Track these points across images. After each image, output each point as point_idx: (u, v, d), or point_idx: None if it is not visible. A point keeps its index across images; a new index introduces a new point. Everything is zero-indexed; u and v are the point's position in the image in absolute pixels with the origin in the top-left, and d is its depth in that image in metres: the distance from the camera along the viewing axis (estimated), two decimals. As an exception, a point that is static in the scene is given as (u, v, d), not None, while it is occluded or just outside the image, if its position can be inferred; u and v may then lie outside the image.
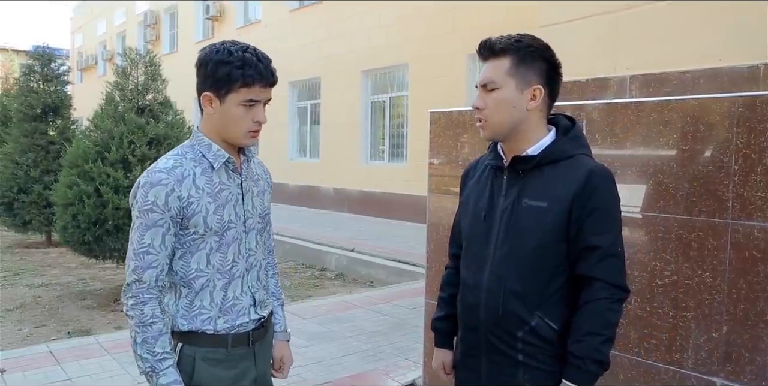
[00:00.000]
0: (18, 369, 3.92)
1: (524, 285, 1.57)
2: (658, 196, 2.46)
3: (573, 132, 1.65)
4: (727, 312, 2.27)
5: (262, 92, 1.60)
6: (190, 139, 1.70)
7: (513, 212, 1.60)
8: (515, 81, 1.57)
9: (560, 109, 2.96)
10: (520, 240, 1.58)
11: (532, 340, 1.57)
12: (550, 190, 1.56)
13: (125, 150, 5.67)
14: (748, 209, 2.20)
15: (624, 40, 3.09)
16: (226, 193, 1.66)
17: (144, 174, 1.63)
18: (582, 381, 1.51)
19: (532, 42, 1.59)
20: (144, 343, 1.59)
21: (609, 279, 1.53)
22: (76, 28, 29.41)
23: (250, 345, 1.74)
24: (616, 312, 1.55)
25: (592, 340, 1.50)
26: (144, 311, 1.59)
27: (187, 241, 1.63)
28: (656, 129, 2.48)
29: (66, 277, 7.34)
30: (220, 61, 1.58)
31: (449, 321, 1.85)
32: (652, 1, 2.97)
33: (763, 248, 2.17)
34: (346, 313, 5.42)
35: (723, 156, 2.27)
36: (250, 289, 1.74)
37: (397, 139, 12.23)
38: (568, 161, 1.58)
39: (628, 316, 2.57)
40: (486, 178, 1.71)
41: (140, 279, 1.59)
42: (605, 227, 1.54)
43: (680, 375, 2.40)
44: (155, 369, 1.58)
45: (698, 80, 2.72)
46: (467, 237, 1.74)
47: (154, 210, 1.57)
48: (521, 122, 1.59)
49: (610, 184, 1.58)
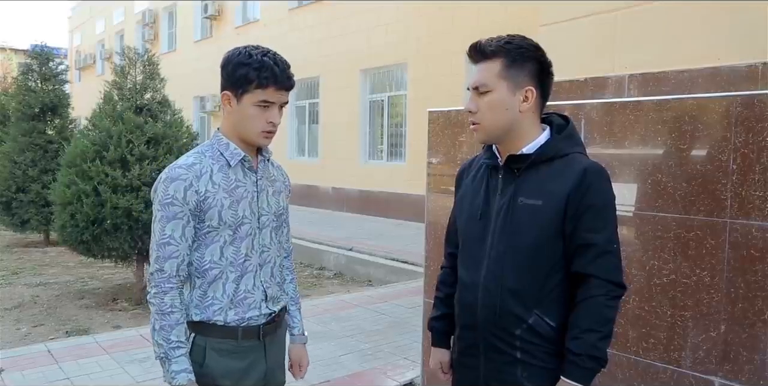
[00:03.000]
0: (16, 369, 3.91)
1: (521, 283, 1.58)
2: (656, 195, 2.46)
3: (567, 130, 1.65)
4: (726, 311, 2.27)
5: (276, 95, 1.68)
6: (210, 139, 1.80)
7: (509, 210, 1.60)
8: (507, 83, 1.57)
9: (559, 109, 2.96)
10: (516, 239, 1.58)
11: (530, 338, 1.58)
12: (546, 188, 1.56)
13: (123, 149, 5.66)
14: (746, 208, 2.20)
15: (622, 39, 3.09)
16: (241, 190, 1.74)
17: (165, 170, 1.72)
18: (580, 377, 1.53)
19: (522, 43, 1.59)
20: (161, 330, 1.66)
21: (605, 276, 1.54)
22: (75, 27, 29.37)
23: (260, 338, 1.80)
24: (612, 308, 1.55)
25: (589, 337, 1.51)
26: (164, 300, 1.67)
27: (203, 234, 1.71)
28: (654, 128, 2.48)
29: (64, 276, 7.33)
30: (240, 62, 1.66)
31: (446, 320, 1.85)
32: (650, 1, 2.97)
33: (761, 247, 2.17)
34: (344, 312, 5.42)
35: (721, 155, 2.27)
36: (262, 284, 1.80)
37: (395, 138, 12.23)
38: (563, 159, 1.59)
39: (626, 315, 2.57)
40: (481, 177, 1.71)
41: (162, 269, 1.67)
42: (601, 224, 1.55)
43: (678, 374, 2.40)
44: (168, 355, 1.65)
45: (696, 79, 2.72)
46: (463, 236, 1.74)
47: (174, 203, 1.65)
48: (515, 123, 1.60)
49: (604, 182, 1.58)
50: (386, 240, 8.80)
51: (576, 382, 1.53)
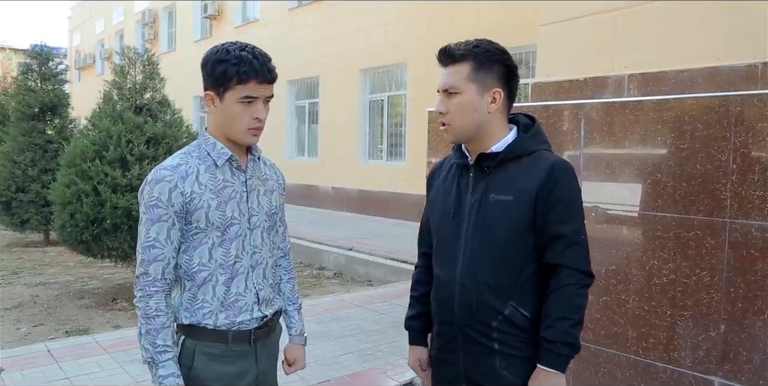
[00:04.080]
0: (16, 368, 3.91)
1: (496, 277, 1.64)
2: (656, 195, 2.46)
3: (534, 129, 1.72)
4: (725, 310, 2.27)
5: (259, 89, 1.64)
6: (197, 139, 1.76)
7: (481, 207, 1.67)
8: (476, 85, 1.64)
9: (558, 108, 2.96)
10: (489, 234, 1.65)
11: (506, 329, 1.65)
12: (516, 184, 1.64)
13: (123, 149, 5.66)
14: (745, 208, 2.20)
15: (622, 39, 3.09)
16: (229, 190, 1.70)
17: (151, 171, 1.68)
18: (556, 364, 1.60)
19: (489, 47, 1.66)
20: (147, 334, 1.64)
21: (574, 266, 1.62)
22: (74, 27, 29.36)
23: (252, 343, 1.75)
24: (582, 296, 1.63)
25: (562, 324, 1.59)
26: (149, 304, 1.64)
27: (190, 236, 1.68)
28: (654, 128, 2.49)
29: (64, 276, 7.33)
30: (218, 60, 1.63)
31: (422, 318, 1.91)
32: (650, 1, 2.97)
33: (760, 247, 2.17)
34: (344, 312, 5.42)
35: (721, 155, 2.27)
36: (254, 286, 1.75)
37: (395, 138, 12.22)
38: (530, 156, 1.66)
39: (626, 315, 2.57)
40: (452, 177, 1.78)
41: (146, 272, 1.64)
42: (568, 216, 1.63)
43: (678, 374, 2.40)
44: (155, 360, 1.63)
45: (696, 79, 2.72)
46: (437, 234, 1.80)
47: (158, 205, 1.62)
48: (483, 124, 1.67)
49: (571, 177, 1.66)
50: (386, 240, 8.80)
51: (552, 368, 1.59)
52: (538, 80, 3.51)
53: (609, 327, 2.65)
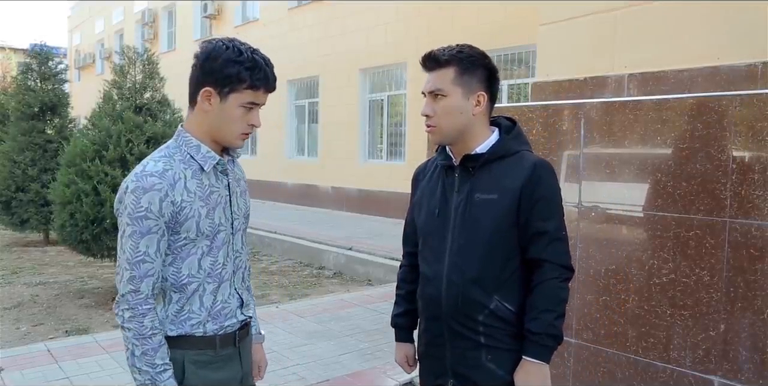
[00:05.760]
0: (16, 368, 3.91)
1: (482, 272, 1.70)
2: (656, 195, 2.47)
3: (515, 131, 1.79)
4: (725, 310, 2.27)
5: (263, 97, 1.62)
6: (174, 139, 1.64)
7: (467, 206, 1.73)
8: (461, 89, 1.71)
9: (558, 108, 2.96)
10: (475, 231, 1.70)
11: (492, 322, 1.70)
12: (500, 184, 1.70)
13: (123, 148, 5.67)
14: (745, 207, 2.20)
15: (622, 38, 3.09)
16: (216, 196, 1.63)
17: (132, 178, 1.53)
18: (541, 355, 1.65)
19: (471, 52, 1.74)
20: (143, 356, 1.54)
21: (557, 261, 1.69)
22: (74, 27, 29.35)
23: (236, 345, 1.72)
24: (565, 289, 1.70)
25: (546, 317, 1.65)
26: (144, 323, 1.53)
27: (178, 247, 1.58)
28: (654, 127, 2.49)
29: (64, 276, 7.33)
30: (230, 59, 1.54)
31: (408, 316, 1.97)
32: (650, 0, 2.97)
33: (760, 246, 2.17)
34: (344, 312, 5.42)
35: (721, 155, 2.27)
36: (237, 291, 1.72)
37: (395, 137, 12.22)
38: (513, 157, 1.73)
39: (625, 315, 2.57)
40: (437, 178, 1.84)
41: (138, 290, 1.53)
42: (550, 213, 1.69)
43: (678, 373, 2.40)
44: (155, 381, 1.55)
45: (696, 79, 2.72)
46: (423, 233, 1.85)
47: (148, 217, 1.50)
48: (468, 126, 1.73)
49: (552, 176, 1.73)
50: (386, 240, 8.79)
51: (537, 360, 1.65)
52: (537, 80, 3.51)
53: (609, 326, 2.65)
